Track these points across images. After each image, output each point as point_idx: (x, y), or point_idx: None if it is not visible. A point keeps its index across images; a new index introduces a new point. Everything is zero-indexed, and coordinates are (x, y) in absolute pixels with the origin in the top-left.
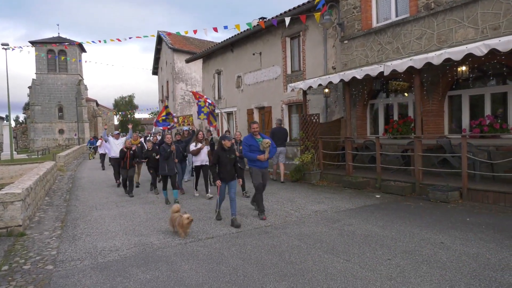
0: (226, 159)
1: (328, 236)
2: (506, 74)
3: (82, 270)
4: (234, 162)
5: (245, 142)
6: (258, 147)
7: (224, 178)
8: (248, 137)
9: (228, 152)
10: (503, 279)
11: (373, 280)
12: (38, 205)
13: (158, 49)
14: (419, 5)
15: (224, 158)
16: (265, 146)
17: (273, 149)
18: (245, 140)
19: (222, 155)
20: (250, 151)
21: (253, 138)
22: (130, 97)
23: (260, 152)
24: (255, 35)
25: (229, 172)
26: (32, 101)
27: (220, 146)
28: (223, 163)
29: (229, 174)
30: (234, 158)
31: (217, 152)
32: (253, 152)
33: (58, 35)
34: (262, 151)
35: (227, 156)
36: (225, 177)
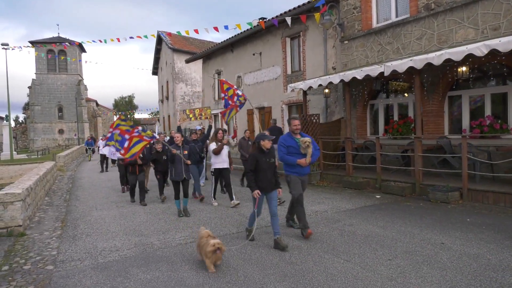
0: (266, 164)
1: (329, 237)
2: (506, 74)
3: (83, 270)
4: (274, 168)
5: (282, 142)
6: (298, 148)
7: (264, 188)
8: (285, 136)
9: (267, 156)
10: (504, 279)
11: (374, 280)
12: (38, 205)
13: (158, 49)
14: (419, 6)
15: (263, 163)
16: (304, 147)
17: (316, 152)
18: (282, 140)
19: (261, 159)
20: (288, 153)
21: (292, 137)
22: (130, 97)
23: (301, 155)
24: (255, 35)
25: (269, 180)
26: (32, 101)
27: (258, 148)
28: (262, 169)
29: (269, 183)
30: (274, 163)
31: (254, 155)
32: (291, 155)
33: (58, 35)
34: (303, 154)
35: (266, 161)
36: (265, 187)
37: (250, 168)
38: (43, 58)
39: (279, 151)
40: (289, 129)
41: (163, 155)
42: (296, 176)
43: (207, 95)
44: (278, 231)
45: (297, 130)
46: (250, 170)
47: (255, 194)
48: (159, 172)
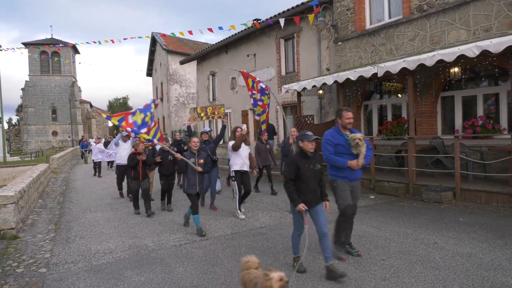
0: (310, 171)
1: None
2: (498, 75)
3: (76, 273)
4: (320, 176)
5: (329, 139)
6: (348, 147)
7: (307, 202)
8: (332, 132)
9: (311, 161)
10: (496, 278)
11: (368, 280)
12: (32, 208)
13: (152, 51)
14: (412, 7)
15: (307, 170)
16: (354, 145)
17: (369, 152)
18: (329, 136)
19: (303, 165)
20: (336, 153)
21: (341, 134)
22: (124, 98)
23: (351, 156)
24: (249, 37)
25: (314, 191)
26: (25, 103)
27: (300, 151)
28: (305, 178)
29: (314, 195)
30: (320, 170)
31: (295, 161)
32: (339, 155)
33: (52, 37)
34: (354, 154)
35: (310, 167)
36: (309, 200)
37: (289, 177)
38: (37, 59)
39: (324, 150)
40: (340, 123)
41: (168, 155)
42: (345, 182)
43: (201, 96)
44: (330, 255)
45: (350, 124)
46: (290, 180)
47: (300, 208)
48: (163, 175)
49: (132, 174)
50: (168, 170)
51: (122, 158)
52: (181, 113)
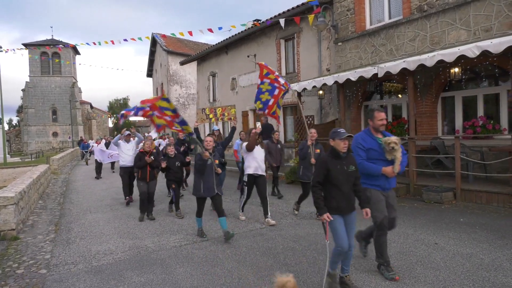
0: (343, 173)
1: (323, 238)
2: (498, 75)
3: (76, 274)
4: (355, 180)
5: (359, 143)
6: (382, 152)
7: (340, 208)
8: (363, 135)
9: (344, 162)
10: (496, 279)
11: (368, 281)
12: (32, 209)
13: (153, 51)
14: (412, 7)
15: (339, 172)
16: (389, 150)
17: (405, 158)
18: (360, 140)
19: (334, 167)
20: (368, 159)
21: (373, 137)
22: (124, 99)
23: (385, 162)
24: (250, 37)
25: (347, 197)
26: (26, 103)
27: (331, 151)
28: (337, 181)
29: (347, 200)
30: (355, 172)
31: (325, 162)
32: (372, 161)
33: (52, 38)
34: (389, 161)
35: (343, 169)
36: (342, 206)
37: (317, 180)
38: (37, 60)
39: (356, 155)
40: (371, 125)
41: (175, 161)
42: (379, 191)
43: (201, 97)
44: (349, 267)
45: (383, 126)
46: (318, 183)
47: (324, 218)
48: (172, 181)
49: (139, 174)
50: (176, 176)
51: (126, 159)
52: (182, 114)
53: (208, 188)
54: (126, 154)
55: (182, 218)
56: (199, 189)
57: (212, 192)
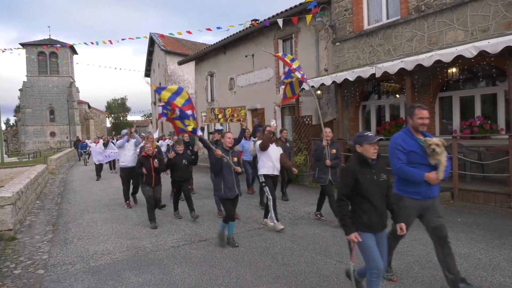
0: (374, 183)
1: (321, 238)
2: (496, 75)
3: (74, 274)
4: (388, 190)
5: (398, 145)
6: (424, 155)
7: (372, 225)
8: (403, 135)
9: (374, 169)
10: (494, 278)
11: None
12: (29, 209)
13: (151, 51)
14: (409, 8)
15: (369, 182)
16: (431, 152)
17: (449, 162)
18: (399, 141)
19: (364, 176)
20: (409, 163)
21: (413, 137)
22: (122, 99)
23: (428, 167)
24: (248, 37)
25: (380, 211)
26: (23, 103)
27: (358, 158)
28: (368, 193)
29: (380, 215)
30: (387, 181)
31: (352, 171)
32: (413, 165)
33: (49, 37)
34: (432, 166)
35: (373, 179)
36: (375, 223)
37: (343, 193)
38: (34, 60)
39: (393, 158)
40: (410, 124)
41: (183, 158)
42: (416, 200)
43: (200, 97)
44: None
45: (424, 126)
46: (344, 196)
47: (352, 238)
48: (176, 182)
49: (144, 178)
50: (182, 175)
51: (126, 159)
52: None
53: (228, 188)
54: (127, 154)
55: (180, 219)
56: (219, 190)
57: (233, 192)
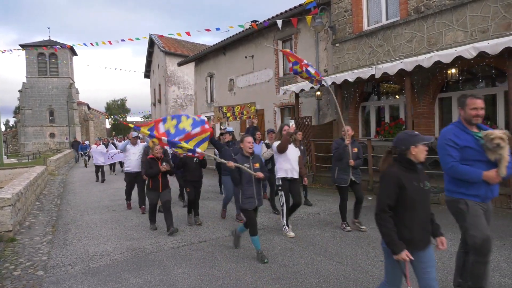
0: (420, 192)
1: (321, 239)
2: (495, 76)
3: (74, 275)
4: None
5: (450, 140)
6: (481, 150)
7: (417, 241)
8: (454, 129)
9: (419, 176)
10: (494, 279)
11: (366, 282)
12: (29, 210)
13: (150, 52)
14: (409, 9)
15: (416, 191)
16: (490, 147)
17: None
18: (450, 136)
19: (411, 183)
20: (463, 160)
21: (467, 130)
22: (122, 100)
23: (485, 164)
24: (247, 38)
25: (424, 225)
26: (23, 105)
27: (405, 162)
28: (413, 204)
29: (425, 230)
30: (430, 189)
31: (397, 177)
32: (468, 162)
33: (49, 38)
34: (491, 162)
35: (419, 187)
36: (419, 239)
37: (388, 203)
38: (34, 61)
39: (444, 156)
40: (462, 116)
41: (194, 157)
42: (477, 202)
43: (199, 98)
44: None
45: (478, 118)
46: (388, 207)
47: (402, 257)
48: (188, 182)
49: (150, 184)
50: (194, 175)
51: (131, 164)
52: None
53: (248, 199)
54: (131, 158)
55: (200, 225)
56: (238, 199)
57: (253, 203)
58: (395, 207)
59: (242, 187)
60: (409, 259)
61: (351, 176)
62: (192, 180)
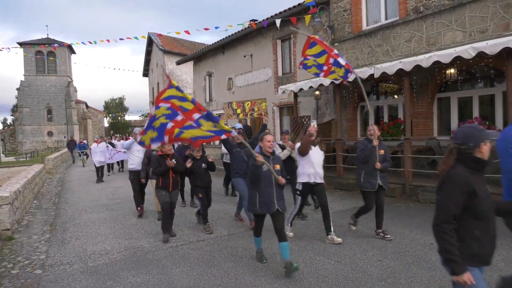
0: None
1: (319, 238)
2: (494, 76)
3: (72, 274)
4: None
5: None
6: None
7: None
8: None
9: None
10: (492, 279)
11: (364, 281)
12: (27, 209)
13: (149, 51)
14: (408, 8)
15: (486, 196)
16: None
17: None
18: None
19: (481, 188)
20: None
21: None
22: (120, 99)
23: None
24: (246, 38)
25: (494, 235)
26: (20, 103)
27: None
28: (484, 212)
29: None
30: None
31: (467, 181)
32: None
33: (47, 37)
34: None
35: (488, 191)
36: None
37: (453, 213)
38: (32, 59)
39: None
40: None
41: (201, 162)
42: None
43: (198, 97)
44: None
45: None
46: (452, 217)
47: (464, 280)
48: (199, 188)
49: (160, 182)
50: (203, 181)
51: (135, 161)
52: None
53: (265, 203)
54: (135, 155)
55: (211, 234)
56: (254, 203)
57: (271, 207)
58: (462, 217)
59: (259, 188)
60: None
61: (378, 180)
62: (202, 186)
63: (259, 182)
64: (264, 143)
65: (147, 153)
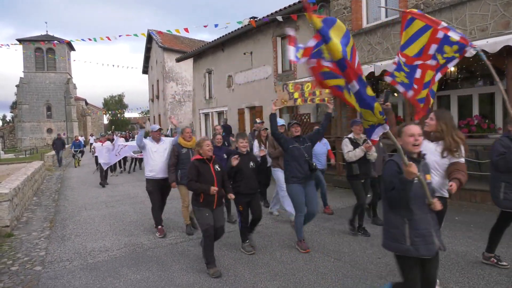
0: None
1: (319, 236)
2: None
3: (72, 271)
4: None
5: None
6: None
7: None
8: None
9: None
10: (491, 277)
11: (364, 279)
12: (26, 205)
13: (148, 48)
14: (408, 6)
15: None
16: None
17: None
18: None
19: None
20: None
21: None
22: (120, 96)
23: None
24: (246, 35)
25: None
26: (20, 100)
27: None
28: None
29: None
30: None
31: None
32: None
33: (47, 33)
34: None
35: None
36: None
37: None
38: (31, 56)
39: None
40: None
41: (249, 160)
42: None
43: (198, 94)
44: None
45: None
46: None
47: None
48: (241, 196)
49: (201, 198)
50: (250, 186)
51: (155, 167)
52: (177, 111)
53: (423, 236)
54: (152, 158)
55: (253, 254)
56: (402, 240)
57: (431, 248)
58: None
59: (412, 216)
60: None
61: None
62: (246, 193)
63: (401, 204)
64: (406, 139)
65: (174, 152)
